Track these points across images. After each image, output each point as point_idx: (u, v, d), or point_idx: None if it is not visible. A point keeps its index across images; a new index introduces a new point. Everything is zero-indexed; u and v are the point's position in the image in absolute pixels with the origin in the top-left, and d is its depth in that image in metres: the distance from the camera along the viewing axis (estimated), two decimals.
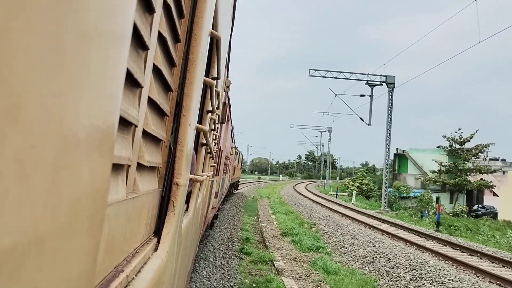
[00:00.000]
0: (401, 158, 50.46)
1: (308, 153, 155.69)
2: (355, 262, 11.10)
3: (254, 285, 7.94)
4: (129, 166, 0.92)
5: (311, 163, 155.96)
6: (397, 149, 50.94)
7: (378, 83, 30.66)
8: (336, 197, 40.10)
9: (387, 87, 30.15)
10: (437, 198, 24.31)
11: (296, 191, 43.42)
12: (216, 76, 2.48)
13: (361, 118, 32.11)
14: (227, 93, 6.28)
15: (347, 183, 50.87)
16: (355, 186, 46.89)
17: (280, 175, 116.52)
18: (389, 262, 10.73)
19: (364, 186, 47.58)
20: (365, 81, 31.06)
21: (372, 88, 31.14)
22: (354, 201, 35.31)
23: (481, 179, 41.27)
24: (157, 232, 1.30)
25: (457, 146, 41.92)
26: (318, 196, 38.43)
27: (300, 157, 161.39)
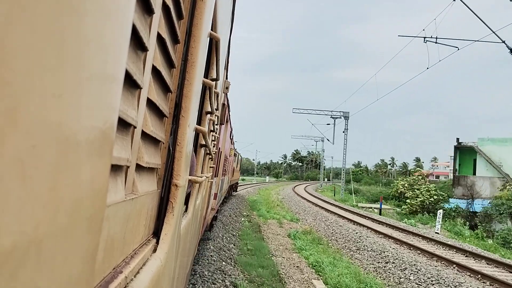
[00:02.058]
0: (464, 153, 32.73)
1: (294, 152, 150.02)
2: None
3: None
4: (128, 167, 0.92)
5: (297, 163, 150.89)
6: (457, 140, 32.80)
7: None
8: (380, 214, 26.47)
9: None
10: None
11: (307, 200, 32.62)
12: (215, 77, 2.48)
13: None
14: (226, 94, 6.29)
15: (402, 188, 33.61)
16: (423, 195, 29.63)
17: (267, 177, 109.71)
18: None
19: (430, 196, 29.59)
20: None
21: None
22: (440, 229, 19.67)
23: None
24: (156, 233, 1.30)
25: None
26: (358, 214, 23.79)
27: (285, 156, 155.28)
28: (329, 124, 48.36)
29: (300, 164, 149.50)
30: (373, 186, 74.83)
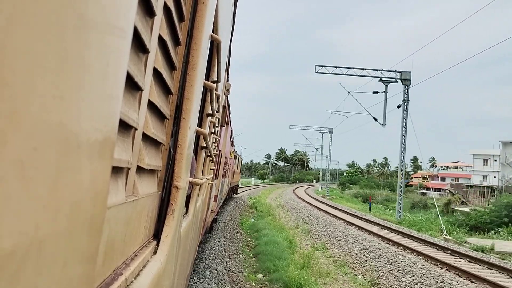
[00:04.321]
0: None
1: (279, 151, 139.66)
2: None
3: None
4: (129, 169, 0.92)
5: (283, 163, 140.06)
6: None
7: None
8: None
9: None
10: None
11: (350, 224, 19.14)
12: (216, 79, 2.48)
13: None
14: (227, 96, 6.30)
15: None
16: None
17: (252, 179, 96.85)
18: None
19: None
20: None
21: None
22: None
23: None
24: (157, 235, 1.29)
25: None
26: None
27: (269, 156, 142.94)
28: (376, 92, 28.60)
29: (286, 164, 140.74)
30: (376, 190, 64.12)
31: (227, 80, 5.59)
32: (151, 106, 1.08)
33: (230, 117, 10.59)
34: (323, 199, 42.82)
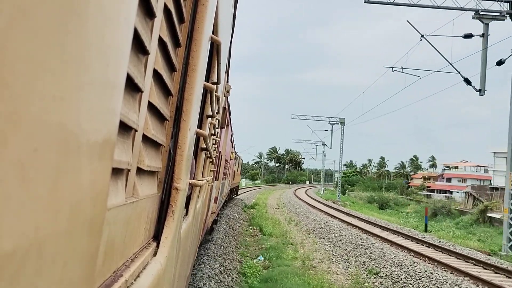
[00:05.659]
0: None
1: (271, 150, 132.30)
2: None
3: None
4: (128, 170, 0.92)
5: (273, 163, 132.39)
6: None
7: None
8: None
9: None
10: None
11: None
12: (216, 81, 2.48)
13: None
14: (227, 98, 6.30)
15: None
16: None
17: (243, 180, 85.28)
18: None
19: None
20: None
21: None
22: None
23: None
24: (157, 237, 1.29)
25: None
26: None
27: (261, 155, 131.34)
28: (470, 35, 18.08)
29: (278, 164, 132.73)
30: (380, 192, 55.44)
31: (227, 82, 5.60)
32: (151, 107, 1.08)
33: (230, 119, 10.60)
34: (335, 205, 34.38)
